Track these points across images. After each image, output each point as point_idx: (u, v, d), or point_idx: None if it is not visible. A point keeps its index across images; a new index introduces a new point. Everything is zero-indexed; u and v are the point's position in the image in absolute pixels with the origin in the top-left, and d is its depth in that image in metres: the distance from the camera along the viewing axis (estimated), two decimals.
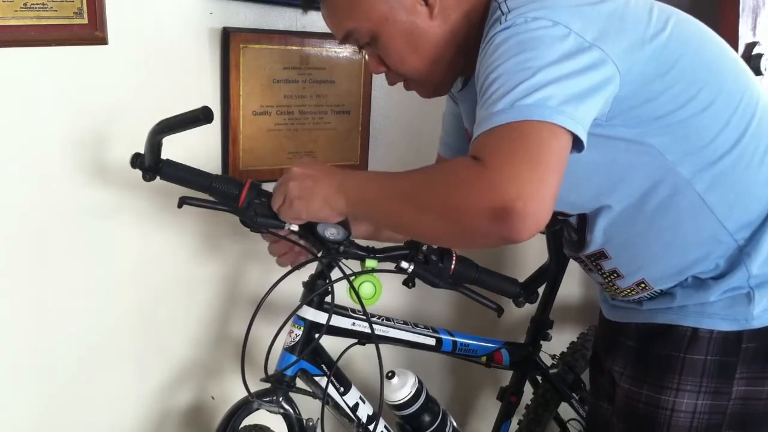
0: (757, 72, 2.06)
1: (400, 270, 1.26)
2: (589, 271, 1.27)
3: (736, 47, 2.02)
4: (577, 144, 0.95)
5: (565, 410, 1.82)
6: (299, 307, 1.33)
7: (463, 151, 1.35)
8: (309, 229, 1.24)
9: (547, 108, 0.92)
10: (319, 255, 1.27)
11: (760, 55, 2.06)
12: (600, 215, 1.13)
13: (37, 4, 1.31)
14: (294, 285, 1.36)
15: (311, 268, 1.36)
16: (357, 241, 1.30)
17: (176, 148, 1.33)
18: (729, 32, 2.00)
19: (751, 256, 1.09)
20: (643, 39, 1.03)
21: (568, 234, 1.23)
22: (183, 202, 1.23)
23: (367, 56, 1.59)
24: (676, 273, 1.14)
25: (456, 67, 1.19)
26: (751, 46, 2.06)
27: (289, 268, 1.31)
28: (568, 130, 0.92)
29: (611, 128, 1.04)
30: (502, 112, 0.93)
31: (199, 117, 1.14)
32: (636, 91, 1.02)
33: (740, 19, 2.00)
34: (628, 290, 1.20)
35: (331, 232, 1.23)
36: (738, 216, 1.09)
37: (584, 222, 1.17)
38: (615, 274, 1.20)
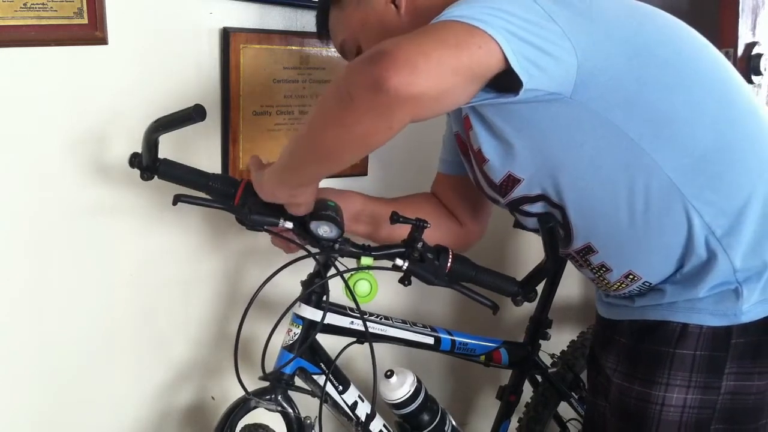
0: (757, 72, 2.06)
1: (395, 267, 1.26)
2: (580, 267, 1.27)
3: (735, 47, 2.03)
4: (514, 86, 0.96)
5: (565, 410, 1.82)
6: (293, 303, 1.34)
7: (462, 167, 1.36)
8: (303, 227, 1.25)
9: (472, 18, 0.92)
10: (315, 253, 1.28)
11: (759, 55, 2.06)
12: (577, 204, 1.14)
13: (37, 4, 1.32)
14: (294, 284, 1.37)
15: (311, 268, 1.36)
16: (353, 239, 1.30)
17: (177, 148, 1.35)
18: (729, 32, 2.01)
19: (733, 247, 1.09)
20: (609, 25, 1.04)
21: (558, 231, 1.24)
22: (177, 199, 1.24)
23: None
24: (660, 261, 1.14)
25: None
26: (750, 46, 2.06)
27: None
28: (489, 36, 0.92)
29: (576, 106, 1.04)
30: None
31: (192, 115, 1.15)
32: (601, 70, 1.02)
33: (740, 19, 2.01)
34: (618, 284, 1.21)
35: (324, 230, 1.23)
36: (709, 199, 1.08)
37: (567, 214, 1.17)
38: (604, 268, 1.20)
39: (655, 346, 1.15)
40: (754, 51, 2.06)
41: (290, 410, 1.34)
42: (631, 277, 1.18)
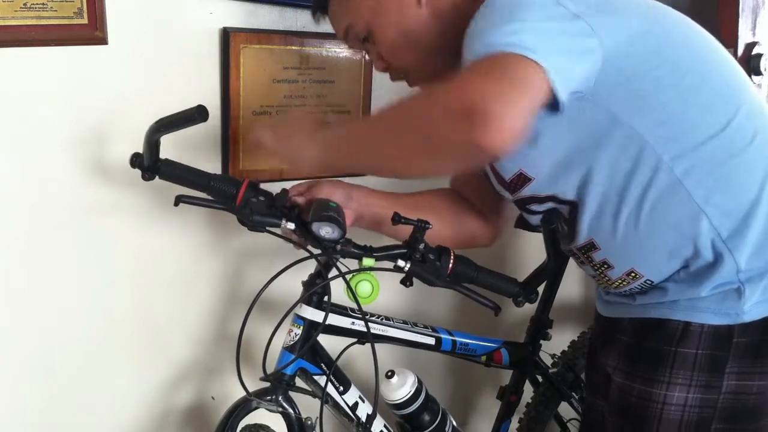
0: (757, 72, 2.06)
1: (397, 269, 1.26)
2: (581, 264, 1.28)
3: (735, 47, 2.03)
4: (555, 106, 0.97)
5: (566, 410, 1.82)
6: (295, 304, 1.34)
7: None
8: (305, 228, 1.25)
9: (522, 47, 0.94)
10: (316, 254, 1.28)
11: (759, 55, 2.06)
12: (585, 201, 1.14)
13: (37, 4, 1.32)
14: (296, 285, 1.37)
15: (312, 269, 1.36)
16: (355, 240, 1.30)
17: (177, 148, 1.34)
18: (729, 32, 2.01)
19: (739, 248, 1.09)
20: (629, 21, 1.05)
21: (561, 228, 1.24)
22: (179, 200, 1.24)
23: (367, 56, 1.61)
24: (663, 260, 1.14)
25: (452, 56, 1.19)
26: (751, 46, 2.06)
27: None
28: (542, 68, 0.93)
29: (593, 105, 1.06)
30: (479, 51, 0.97)
31: (194, 116, 1.16)
32: (619, 70, 1.04)
33: (740, 19, 2.01)
34: (620, 281, 1.21)
35: (326, 231, 1.23)
36: (717, 201, 1.09)
37: (575, 211, 1.17)
38: (606, 265, 1.21)
39: (657, 345, 1.15)
40: (754, 51, 2.06)
41: (291, 411, 1.34)
42: (632, 275, 1.18)
